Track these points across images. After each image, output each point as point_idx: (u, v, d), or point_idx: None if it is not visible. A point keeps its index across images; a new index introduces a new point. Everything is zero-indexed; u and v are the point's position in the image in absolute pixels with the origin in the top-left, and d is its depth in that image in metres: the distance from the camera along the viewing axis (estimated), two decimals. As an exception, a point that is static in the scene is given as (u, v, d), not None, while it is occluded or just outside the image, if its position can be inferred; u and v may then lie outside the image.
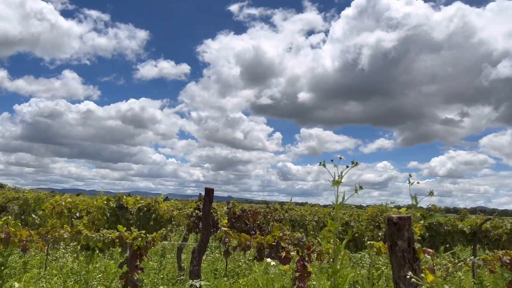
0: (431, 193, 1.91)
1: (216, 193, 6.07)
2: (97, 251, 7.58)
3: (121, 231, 5.41)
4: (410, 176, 1.97)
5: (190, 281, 5.01)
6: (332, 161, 1.78)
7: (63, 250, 9.74)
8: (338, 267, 1.62)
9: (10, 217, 6.61)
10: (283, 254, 5.66)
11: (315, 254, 6.13)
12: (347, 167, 1.76)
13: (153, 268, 9.32)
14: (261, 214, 10.12)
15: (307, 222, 12.77)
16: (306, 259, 5.78)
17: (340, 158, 1.77)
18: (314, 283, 7.48)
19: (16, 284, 5.51)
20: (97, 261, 9.26)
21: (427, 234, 8.97)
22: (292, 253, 6.02)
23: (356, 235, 8.73)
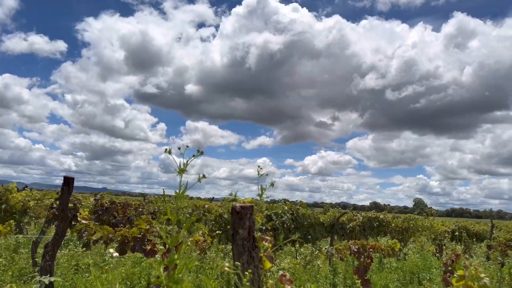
0: (272, 184, 2.01)
1: (89, 184, 5.66)
2: None
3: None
4: (259, 167, 2.05)
5: (40, 278, 4.54)
6: (179, 149, 1.74)
7: None
8: (176, 256, 1.60)
9: None
10: (149, 247, 5.49)
11: (184, 246, 6.09)
12: (194, 156, 1.75)
13: (2, 265, 8.26)
14: (133, 206, 9.71)
15: (182, 214, 12.64)
16: (174, 251, 5.71)
17: (187, 147, 1.74)
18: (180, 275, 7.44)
19: None
20: None
21: (293, 226, 9.63)
22: (160, 246, 5.89)
23: (228, 227, 8.92)
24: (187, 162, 1.70)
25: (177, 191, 1.72)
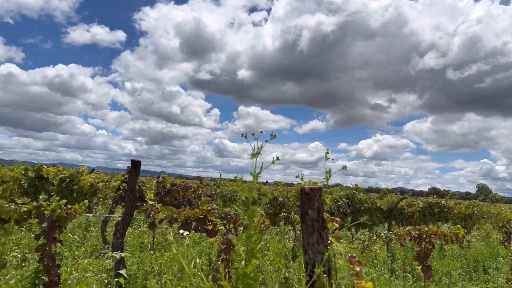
0: (344, 167, 2.02)
1: (148, 168, 5.95)
2: (12, 223, 7.11)
3: (42, 201, 5.10)
4: (327, 152, 2.07)
5: (112, 253, 4.90)
6: (253, 134, 1.81)
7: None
8: (252, 232, 1.67)
9: None
10: (210, 227, 5.70)
11: (242, 228, 6.27)
12: (266, 141, 1.80)
13: (76, 241, 8.97)
14: (192, 188, 10.07)
15: (238, 197, 12.77)
16: (233, 232, 5.89)
17: (261, 132, 1.80)
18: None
19: None
20: (13, 233, 8.72)
21: (349, 210, 9.52)
22: (220, 227, 6.10)
23: (283, 210, 9.04)
24: (261, 146, 1.76)
25: (252, 172, 1.78)
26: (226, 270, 5.36)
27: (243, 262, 1.64)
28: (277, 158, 1.74)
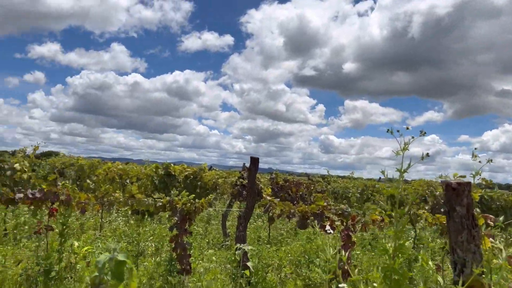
0: (489, 161, 1.84)
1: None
2: (146, 216, 7.96)
3: (172, 195, 5.64)
4: (475, 148, 1.92)
5: (237, 245, 5.17)
6: (398, 131, 1.76)
7: (115, 214, 10.33)
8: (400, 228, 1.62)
9: (67, 182, 7.04)
10: (327, 223, 5.69)
11: (360, 225, 6.12)
12: (412, 137, 1.73)
13: (199, 233, 9.70)
14: (304, 185, 10.16)
15: (350, 194, 12.68)
16: (351, 229, 5.79)
17: (407, 129, 1.74)
18: (358, 252, 7.50)
19: (76, 243, 5.91)
20: (146, 225, 9.77)
21: (478, 209, 8.64)
22: (336, 223, 6.05)
23: (401, 207, 8.55)
24: (408, 141, 1.70)
25: (399, 168, 1.73)
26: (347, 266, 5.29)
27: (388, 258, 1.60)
28: (427, 154, 1.65)
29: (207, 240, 9.03)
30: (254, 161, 5.69)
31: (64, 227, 5.38)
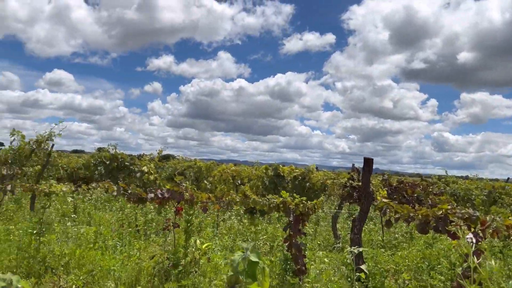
0: None
1: (361, 164, 5.92)
2: (258, 215, 8.21)
3: (284, 196, 5.75)
4: None
5: (351, 248, 5.06)
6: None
7: (229, 213, 10.89)
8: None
9: (187, 182, 7.63)
10: (453, 228, 5.24)
11: (490, 231, 5.53)
12: None
13: (309, 234, 9.73)
14: (420, 186, 9.52)
15: (473, 196, 11.49)
16: (480, 235, 5.25)
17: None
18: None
19: (198, 240, 6.35)
20: (258, 224, 10.11)
21: None
22: (464, 227, 5.54)
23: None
24: None
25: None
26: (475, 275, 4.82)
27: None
28: None
29: (318, 242, 9.01)
30: (368, 161, 5.50)
31: (189, 224, 5.84)
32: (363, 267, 5.23)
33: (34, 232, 5.91)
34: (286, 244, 5.78)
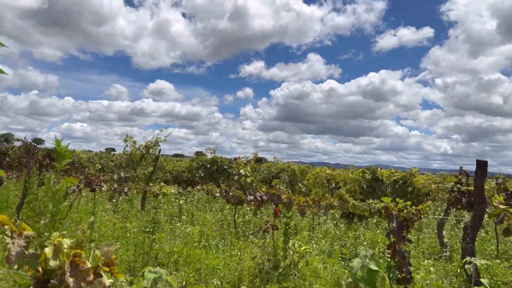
0: None
1: (468, 167, 5.39)
2: (356, 220, 7.97)
3: (386, 201, 5.52)
4: None
5: (467, 258, 4.66)
6: None
7: (324, 217, 10.76)
8: None
9: (283, 185, 7.71)
10: None
11: None
12: None
13: (412, 241, 9.18)
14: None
15: None
16: None
17: None
18: None
19: (296, 243, 6.39)
20: (356, 229, 9.84)
21: None
22: None
23: None
24: None
25: None
26: None
27: None
28: None
29: (421, 249, 8.46)
30: (481, 164, 5.03)
31: (287, 227, 5.90)
32: (484, 281, 4.79)
33: (147, 230, 6.47)
34: (389, 251, 5.53)
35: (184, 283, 4.95)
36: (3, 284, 4.09)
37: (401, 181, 8.69)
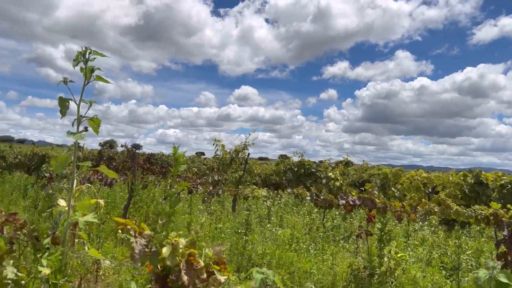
0: None
1: None
2: (458, 227, 7.39)
3: (495, 208, 5.04)
4: None
5: None
6: None
7: (420, 223, 10.13)
8: None
9: (376, 189, 7.41)
10: None
11: None
12: None
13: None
14: None
15: None
16: None
17: None
18: None
19: (393, 250, 6.11)
20: (458, 236, 9.11)
21: None
22: None
23: None
24: None
25: None
26: None
27: None
28: None
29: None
30: None
31: (383, 233, 5.68)
32: None
33: (239, 231, 6.69)
34: (500, 261, 5.04)
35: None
36: (124, 276, 4.54)
37: (509, 185, 7.85)
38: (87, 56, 1.91)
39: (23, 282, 2.18)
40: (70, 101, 2.00)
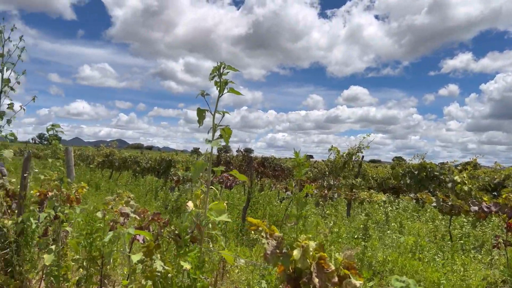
0: None
1: None
2: None
3: None
4: None
5: None
6: None
7: None
8: None
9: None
10: None
11: None
12: None
13: None
14: None
15: None
16: None
17: None
18: None
19: None
20: None
21: None
22: None
23: None
24: None
25: None
26: None
27: None
28: None
29: None
30: None
31: None
32: None
33: (356, 237, 6.50)
34: None
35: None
36: (246, 275, 4.77)
37: None
38: (221, 71, 2.07)
39: (169, 275, 2.41)
40: (206, 111, 2.18)
